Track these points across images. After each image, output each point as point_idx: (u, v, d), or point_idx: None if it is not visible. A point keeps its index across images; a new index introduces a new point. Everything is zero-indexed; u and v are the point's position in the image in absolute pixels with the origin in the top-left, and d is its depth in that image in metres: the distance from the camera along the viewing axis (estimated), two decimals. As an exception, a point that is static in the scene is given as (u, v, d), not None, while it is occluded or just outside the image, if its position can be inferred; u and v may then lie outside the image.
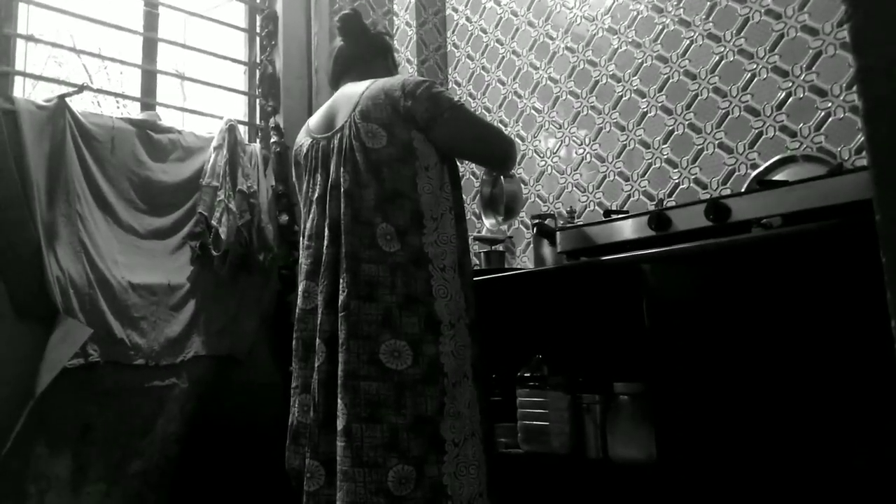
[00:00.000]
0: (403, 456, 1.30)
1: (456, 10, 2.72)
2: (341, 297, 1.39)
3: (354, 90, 1.53)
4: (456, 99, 1.53)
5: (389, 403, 1.32)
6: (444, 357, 1.37)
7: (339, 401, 1.35)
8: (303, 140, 1.62)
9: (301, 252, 1.57)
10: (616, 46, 2.16)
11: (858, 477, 1.28)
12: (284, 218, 2.42)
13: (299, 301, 1.54)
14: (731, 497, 1.35)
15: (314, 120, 1.62)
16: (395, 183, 1.43)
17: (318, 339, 1.43)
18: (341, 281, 1.40)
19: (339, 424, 1.34)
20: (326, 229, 1.47)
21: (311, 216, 1.54)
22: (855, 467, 1.27)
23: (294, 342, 1.54)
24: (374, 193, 1.42)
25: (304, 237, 1.56)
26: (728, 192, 1.86)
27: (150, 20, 2.37)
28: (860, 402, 1.29)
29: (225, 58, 2.58)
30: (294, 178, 1.69)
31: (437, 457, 1.32)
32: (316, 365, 1.43)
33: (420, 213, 1.43)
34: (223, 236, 2.17)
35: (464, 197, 1.61)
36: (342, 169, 1.46)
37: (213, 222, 2.18)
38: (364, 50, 1.66)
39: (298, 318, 1.53)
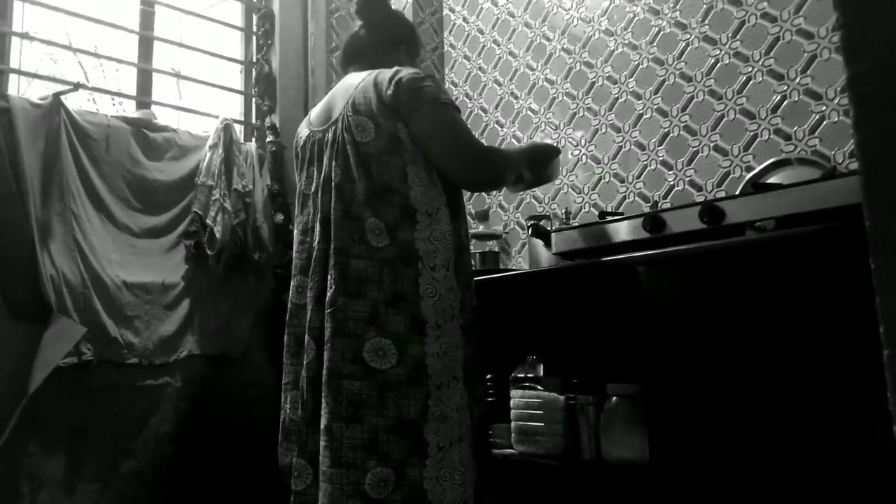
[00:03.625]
0: (383, 458, 1.27)
1: (453, 11, 2.72)
2: (329, 294, 1.36)
3: (352, 81, 1.49)
4: (445, 98, 1.43)
5: (372, 404, 1.29)
6: (429, 358, 1.33)
7: (322, 399, 1.33)
8: (302, 132, 1.59)
9: (294, 247, 1.54)
10: (612, 48, 2.17)
11: (852, 478, 1.28)
12: (280, 217, 2.42)
13: (291, 296, 1.52)
14: (724, 499, 1.36)
15: (315, 112, 1.59)
16: (383, 177, 1.39)
17: (307, 336, 1.41)
18: (329, 277, 1.37)
19: (322, 423, 1.32)
20: (318, 224, 1.44)
21: (304, 211, 1.52)
22: (849, 469, 1.28)
23: (286, 338, 1.52)
24: (364, 188, 1.39)
25: (297, 232, 1.54)
26: (723, 194, 1.86)
27: (147, 18, 2.37)
28: (853, 404, 1.30)
29: (221, 57, 2.58)
30: (296, 171, 1.63)
31: (420, 460, 1.28)
32: (305, 362, 1.41)
33: (412, 208, 1.39)
34: (218, 235, 2.17)
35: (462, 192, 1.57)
36: (334, 163, 1.43)
37: (208, 221, 2.17)
38: (377, 37, 1.59)
39: (290, 313, 1.51)
